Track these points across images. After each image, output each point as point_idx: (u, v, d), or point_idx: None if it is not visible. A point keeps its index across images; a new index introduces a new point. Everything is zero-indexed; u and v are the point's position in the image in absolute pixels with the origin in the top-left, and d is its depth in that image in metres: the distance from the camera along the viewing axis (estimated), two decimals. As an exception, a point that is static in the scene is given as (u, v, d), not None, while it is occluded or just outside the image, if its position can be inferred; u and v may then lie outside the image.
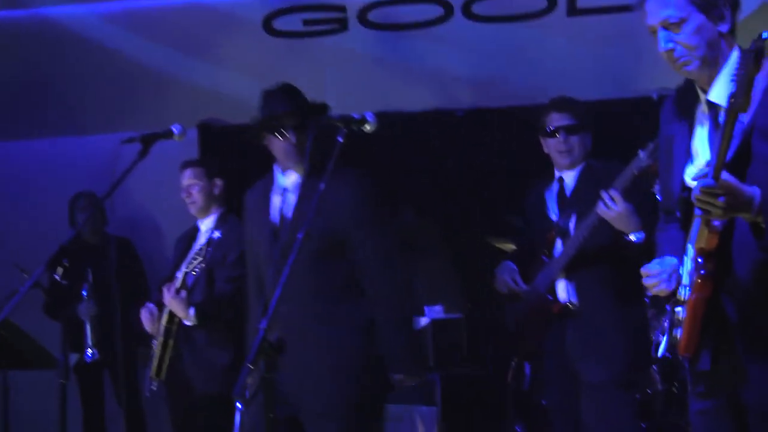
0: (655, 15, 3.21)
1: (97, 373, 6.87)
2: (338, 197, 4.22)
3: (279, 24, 6.94)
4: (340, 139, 3.95)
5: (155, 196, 7.41)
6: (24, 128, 7.52)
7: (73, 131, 7.56)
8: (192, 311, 5.26)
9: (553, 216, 5.04)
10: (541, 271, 4.99)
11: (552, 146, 5.00)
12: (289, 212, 4.38)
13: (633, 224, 4.55)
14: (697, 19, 3.16)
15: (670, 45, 3.17)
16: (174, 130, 4.13)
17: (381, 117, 4.14)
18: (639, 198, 4.53)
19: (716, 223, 3.05)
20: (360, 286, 4.36)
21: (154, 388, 5.49)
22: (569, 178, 5.01)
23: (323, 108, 4.37)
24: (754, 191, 2.97)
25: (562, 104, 5.06)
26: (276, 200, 4.44)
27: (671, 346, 3.26)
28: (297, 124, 4.37)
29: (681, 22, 3.16)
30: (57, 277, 4.19)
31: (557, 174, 5.05)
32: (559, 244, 4.94)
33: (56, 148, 7.63)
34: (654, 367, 5.24)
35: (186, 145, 5.09)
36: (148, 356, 5.63)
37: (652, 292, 3.33)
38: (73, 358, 6.33)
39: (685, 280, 3.21)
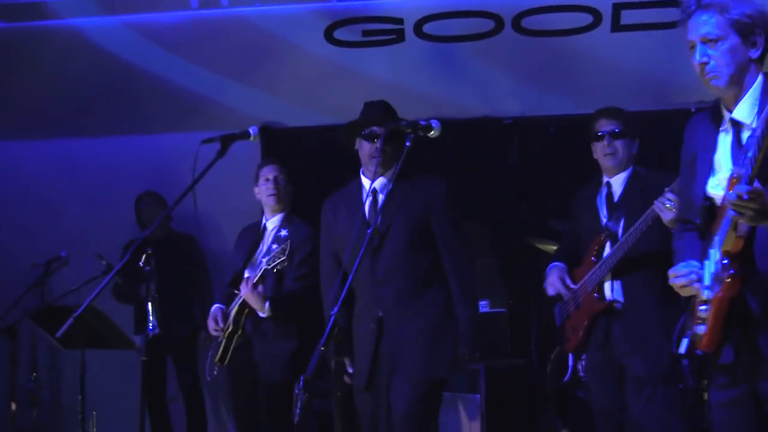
0: (695, 30, 3.38)
1: (160, 355, 7.00)
2: (424, 197, 4.89)
3: (339, 34, 7.02)
4: (408, 144, 4.36)
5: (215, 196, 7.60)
6: (96, 126, 7.75)
7: (139, 130, 7.80)
8: (267, 304, 5.50)
9: (603, 219, 5.16)
10: (590, 272, 5.12)
11: (599, 149, 5.19)
12: (379, 210, 4.85)
13: None
14: (733, 40, 3.34)
15: (705, 59, 3.35)
16: (251, 131, 4.40)
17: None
18: None
19: (743, 228, 3.17)
20: (443, 272, 4.92)
21: (215, 373, 5.75)
22: (617, 183, 5.17)
23: (415, 124, 4.49)
24: None
25: (610, 112, 5.26)
26: (367, 201, 4.88)
27: (692, 343, 3.37)
28: (386, 133, 4.83)
29: (718, 39, 3.34)
30: (141, 264, 4.59)
31: (605, 179, 5.21)
32: (608, 246, 5.07)
33: (125, 146, 7.85)
34: (684, 362, 5.42)
35: (248, 146, 5.20)
36: (209, 343, 5.90)
37: (681, 292, 3.43)
38: (138, 340, 6.45)
39: (707, 281, 3.33)
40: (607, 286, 5.06)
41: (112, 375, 6.84)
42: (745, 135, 3.32)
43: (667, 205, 4.63)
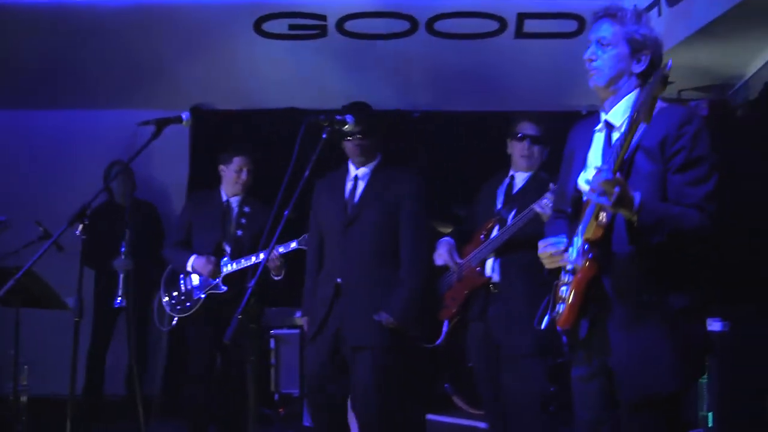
0: (596, 31, 3.61)
1: (109, 320, 7.41)
2: (398, 189, 5.23)
3: (268, 26, 7.20)
4: (324, 136, 4.58)
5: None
6: (39, 99, 7.93)
7: (81, 105, 7.99)
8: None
9: (498, 206, 5.37)
10: (477, 250, 5.34)
11: (517, 149, 5.38)
12: (357, 195, 5.30)
13: None
14: (622, 50, 3.55)
15: (593, 56, 3.58)
16: (183, 116, 4.63)
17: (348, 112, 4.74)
18: None
19: (603, 218, 3.34)
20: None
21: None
22: (520, 178, 5.39)
23: (332, 119, 4.68)
24: (636, 195, 3.27)
25: (534, 117, 5.45)
26: (349, 185, 5.30)
27: (552, 320, 3.54)
28: (361, 131, 5.19)
29: (609, 44, 3.56)
30: (77, 233, 4.47)
31: (511, 172, 5.42)
32: (496, 229, 5.30)
33: (67, 119, 8.06)
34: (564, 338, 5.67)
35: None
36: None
37: (548, 263, 3.58)
38: (71, 301, 6.48)
39: (569, 266, 3.50)
40: (488, 263, 5.29)
41: (46, 332, 6.99)
42: (615, 136, 3.51)
43: (546, 203, 4.90)
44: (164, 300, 6.43)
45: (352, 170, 5.41)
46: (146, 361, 7.59)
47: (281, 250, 5.87)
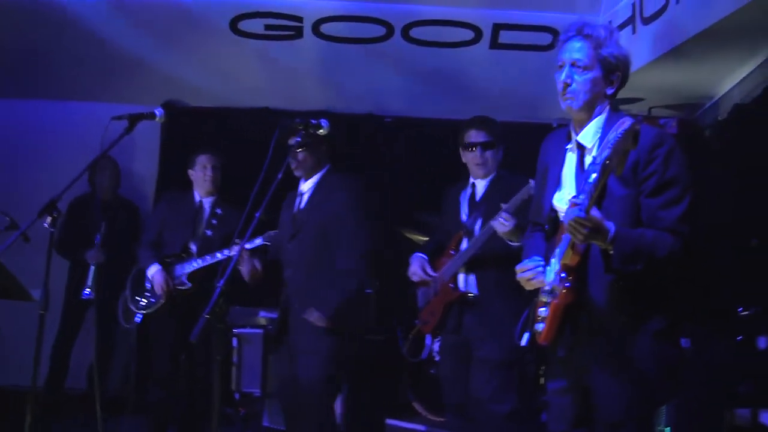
0: (569, 53, 3.57)
1: (79, 314, 7.38)
2: (336, 196, 5.29)
3: (244, 25, 7.13)
4: (299, 139, 4.83)
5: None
6: (9, 88, 7.87)
7: (54, 96, 7.94)
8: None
9: (464, 216, 5.36)
10: (448, 263, 5.35)
11: (469, 159, 5.34)
12: (300, 209, 5.38)
13: (516, 236, 4.94)
14: (597, 73, 3.55)
15: (569, 80, 3.55)
16: (156, 113, 4.70)
17: (322, 115, 4.88)
18: (524, 215, 4.71)
19: (580, 246, 3.40)
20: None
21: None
22: (481, 185, 5.36)
23: (306, 123, 4.84)
24: (610, 225, 3.30)
25: (480, 123, 5.35)
26: (297, 200, 5.44)
27: (533, 336, 3.59)
28: (301, 144, 5.24)
29: (585, 68, 3.55)
30: (46, 225, 4.48)
31: (471, 180, 5.40)
32: (465, 242, 5.30)
33: (37, 110, 8.01)
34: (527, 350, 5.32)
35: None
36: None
37: (527, 286, 3.62)
38: (36, 294, 6.36)
39: (548, 287, 3.54)
40: (461, 278, 5.30)
41: (11, 323, 7.01)
42: (588, 159, 3.52)
43: (501, 221, 4.94)
44: (128, 297, 6.43)
45: (301, 185, 5.48)
46: (111, 357, 7.59)
47: (247, 246, 5.80)
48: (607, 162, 3.14)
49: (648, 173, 3.44)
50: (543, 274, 3.57)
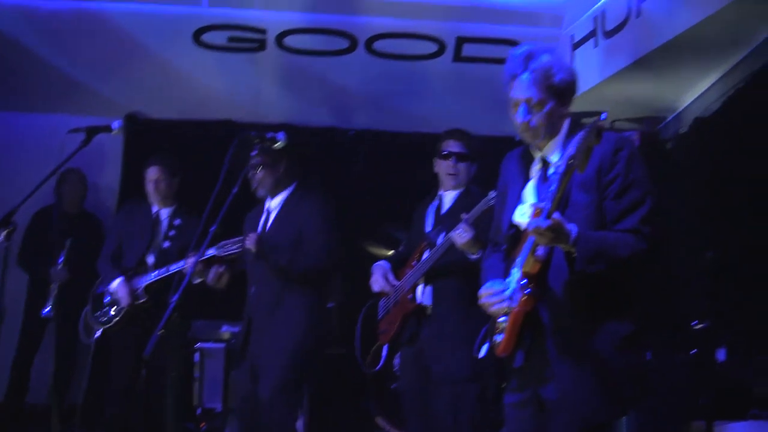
0: (521, 92, 3.56)
1: (43, 324, 7.27)
2: (302, 212, 5.36)
3: (207, 37, 7.14)
4: (254, 153, 4.85)
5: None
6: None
7: (25, 108, 7.89)
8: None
9: (428, 228, 5.35)
10: (408, 273, 5.32)
11: (443, 168, 5.32)
12: (267, 228, 5.45)
13: (475, 247, 4.91)
14: (552, 103, 3.55)
15: (528, 118, 3.55)
16: (113, 126, 4.69)
17: (284, 128, 4.88)
18: (483, 227, 4.72)
19: (540, 252, 3.41)
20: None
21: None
22: (448, 198, 5.35)
23: (262, 136, 4.89)
24: (572, 228, 3.32)
25: (458, 134, 5.36)
26: (262, 218, 5.47)
27: (491, 348, 3.58)
28: (260, 162, 5.28)
29: (540, 103, 3.54)
30: (0, 239, 4.56)
31: (440, 192, 5.39)
32: (426, 253, 5.26)
33: (12, 122, 7.95)
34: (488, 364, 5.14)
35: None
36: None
37: (488, 312, 3.58)
38: None
39: (507, 294, 3.53)
40: (419, 289, 5.28)
41: None
42: (551, 171, 3.48)
43: (459, 233, 4.91)
44: (89, 312, 6.39)
45: (267, 202, 5.51)
46: (73, 372, 7.51)
47: (199, 259, 5.77)
48: (571, 161, 3.19)
49: (612, 176, 3.48)
50: (508, 300, 3.54)
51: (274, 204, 5.45)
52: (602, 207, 3.49)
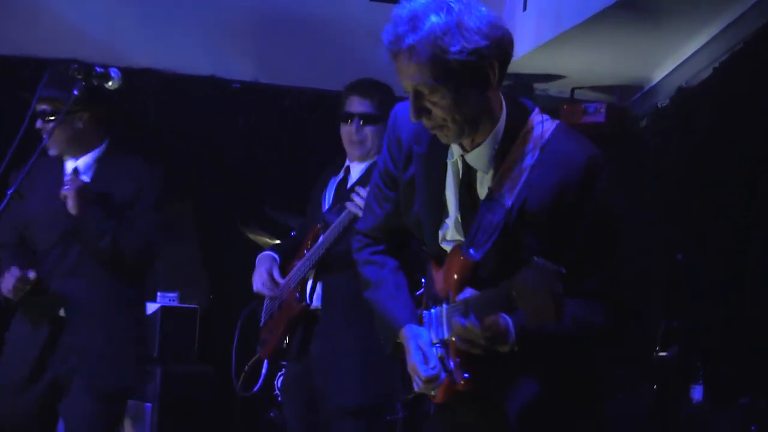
0: (406, 76, 2.82)
1: None
2: (127, 185, 4.75)
3: None
4: (75, 92, 4.19)
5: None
6: None
7: None
8: None
9: (325, 207, 4.84)
10: (297, 265, 4.76)
11: (344, 133, 4.75)
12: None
13: None
14: (457, 88, 2.81)
15: (424, 114, 2.84)
16: None
17: (148, 74, 4.40)
18: None
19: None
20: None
21: None
22: (356, 171, 4.79)
23: (88, 70, 4.32)
24: (506, 321, 2.82)
25: (364, 89, 4.75)
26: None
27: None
28: (50, 111, 4.60)
29: (436, 90, 2.81)
30: None
31: (347, 163, 4.84)
32: (321, 239, 4.70)
33: None
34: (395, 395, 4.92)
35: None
36: None
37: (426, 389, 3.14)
38: None
39: (435, 339, 3.09)
40: (309, 285, 4.73)
41: None
42: (480, 186, 2.90)
43: (357, 201, 4.41)
44: None
45: (69, 164, 4.91)
46: None
47: None
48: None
49: (576, 217, 2.89)
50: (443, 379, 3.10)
51: (81, 164, 4.83)
52: (562, 255, 2.82)
